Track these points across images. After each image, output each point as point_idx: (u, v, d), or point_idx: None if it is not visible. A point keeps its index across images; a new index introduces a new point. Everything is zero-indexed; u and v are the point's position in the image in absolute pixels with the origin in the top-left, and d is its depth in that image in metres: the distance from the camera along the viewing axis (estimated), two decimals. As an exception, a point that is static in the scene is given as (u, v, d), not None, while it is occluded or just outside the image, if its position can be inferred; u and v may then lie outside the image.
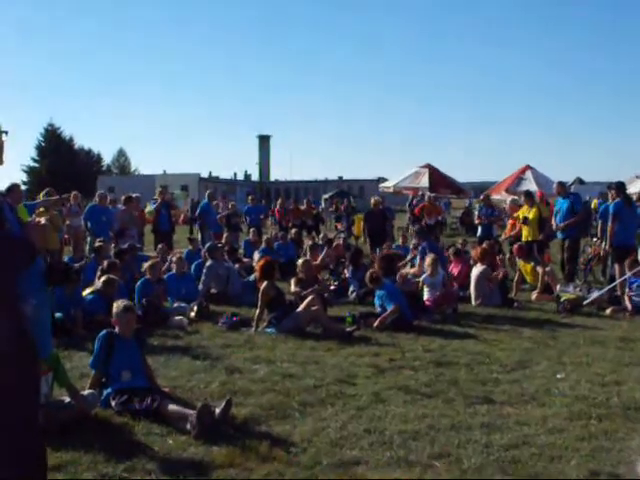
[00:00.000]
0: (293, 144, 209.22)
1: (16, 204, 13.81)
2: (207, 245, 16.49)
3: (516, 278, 15.32)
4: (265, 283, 11.47)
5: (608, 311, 12.98)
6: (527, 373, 8.58)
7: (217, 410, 6.38)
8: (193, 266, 15.62)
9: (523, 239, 16.86)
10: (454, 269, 15.43)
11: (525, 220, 17.01)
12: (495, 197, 26.97)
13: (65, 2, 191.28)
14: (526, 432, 6.37)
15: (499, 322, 12.07)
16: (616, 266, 14.76)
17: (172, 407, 6.61)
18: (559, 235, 16.28)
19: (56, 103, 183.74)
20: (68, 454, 5.76)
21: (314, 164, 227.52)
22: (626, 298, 13.13)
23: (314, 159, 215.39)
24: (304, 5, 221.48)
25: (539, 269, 14.88)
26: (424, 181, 28.33)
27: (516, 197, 22.37)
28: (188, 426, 6.23)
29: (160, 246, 18.05)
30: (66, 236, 19.37)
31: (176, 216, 30.25)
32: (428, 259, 13.95)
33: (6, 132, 4.18)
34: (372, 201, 22.82)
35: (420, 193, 28.70)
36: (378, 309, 11.85)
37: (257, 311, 11.35)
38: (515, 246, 16.11)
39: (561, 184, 16.64)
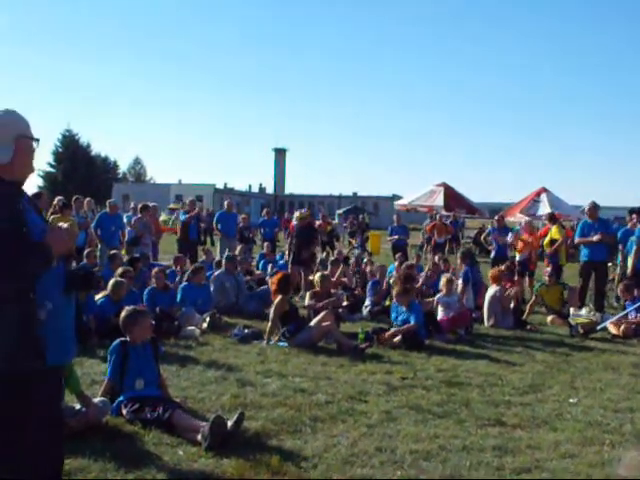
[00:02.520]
0: (309, 158, 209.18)
1: (40, 212, 13.93)
2: (224, 255, 16.36)
3: (532, 300, 15.20)
4: (279, 297, 11.49)
5: (622, 328, 12.95)
6: (539, 397, 8.52)
7: (229, 423, 6.36)
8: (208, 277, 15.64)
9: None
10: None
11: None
12: (509, 219, 26.93)
13: (84, 5, 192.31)
14: (538, 456, 6.31)
15: (512, 344, 12.00)
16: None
17: (183, 418, 6.59)
18: (584, 258, 16.01)
19: (74, 109, 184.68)
20: (77, 461, 5.75)
21: (329, 179, 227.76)
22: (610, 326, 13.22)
23: (329, 174, 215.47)
24: (324, 17, 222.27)
25: (570, 293, 14.96)
26: (439, 200, 28.25)
27: (527, 218, 22.41)
28: (199, 437, 6.21)
29: (176, 256, 18.09)
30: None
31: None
32: (443, 279, 13.91)
33: (37, 140, 4.26)
34: (297, 214, 19.98)
35: (435, 212, 28.66)
36: (396, 323, 11.81)
37: (270, 324, 11.35)
38: (549, 270, 15.87)
39: (595, 207, 16.26)
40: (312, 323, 11.33)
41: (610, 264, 17.85)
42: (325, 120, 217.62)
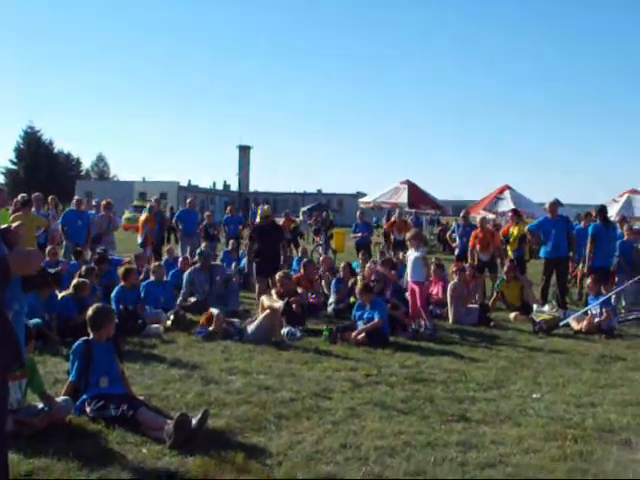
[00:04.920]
0: (273, 155, 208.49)
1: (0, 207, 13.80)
2: (200, 251, 15.97)
3: (493, 297, 15.31)
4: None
5: (584, 324, 13.06)
6: (503, 392, 8.58)
7: (194, 420, 6.34)
8: (170, 275, 15.54)
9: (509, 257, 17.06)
10: (433, 287, 15.42)
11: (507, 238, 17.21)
12: (473, 215, 27.08)
13: (45, 3, 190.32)
14: (502, 451, 6.35)
15: (476, 340, 12.08)
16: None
17: (148, 415, 6.57)
18: (544, 255, 16.10)
19: (37, 106, 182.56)
20: (40, 461, 5.71)
21: (293, 176, 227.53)
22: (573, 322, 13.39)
23: (294, 171, 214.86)
24: (287, 16, 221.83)
25: (527, 289, 15.07)
26: (403, 197, 28.33)
27: (492, 215, 22.50)
28: (164, 435, 6.18)
29: (137, 254, 17.96)
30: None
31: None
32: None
33: None
34: (263, 211, 16.19)
35: (398, 209, 28.69)
36: (359, 321, 11.81)
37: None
38: (508, 266, 15.93)
39: (555, 204, 16.36)
40: (257, 323, 11.60)
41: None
42: (289, 118, 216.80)
